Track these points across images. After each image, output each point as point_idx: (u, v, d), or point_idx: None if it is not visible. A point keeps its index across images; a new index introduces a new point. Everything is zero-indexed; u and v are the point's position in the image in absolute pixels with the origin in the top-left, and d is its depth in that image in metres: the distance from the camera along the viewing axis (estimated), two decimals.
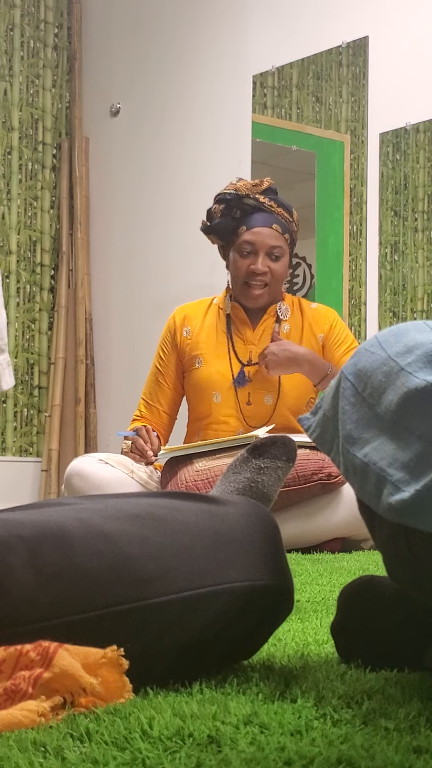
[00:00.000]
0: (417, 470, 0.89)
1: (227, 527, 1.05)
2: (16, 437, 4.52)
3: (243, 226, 2.96)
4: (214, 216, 3.00)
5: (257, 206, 2.96)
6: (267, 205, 2.96)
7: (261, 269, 2.94)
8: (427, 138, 4.67)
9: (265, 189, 2.98)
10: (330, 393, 1.03)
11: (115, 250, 4.56)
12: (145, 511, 1.03)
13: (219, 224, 2.98)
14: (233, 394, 2.98)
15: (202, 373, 3.00)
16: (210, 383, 2.99)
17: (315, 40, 4.70)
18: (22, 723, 0.83)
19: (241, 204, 2.96)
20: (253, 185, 2.97)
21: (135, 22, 4.45)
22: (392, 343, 0.98)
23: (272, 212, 2.96)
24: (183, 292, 3.85)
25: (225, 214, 2.97)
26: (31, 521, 0.98)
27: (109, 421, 4.43)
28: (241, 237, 2.95)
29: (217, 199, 3.00)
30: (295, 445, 1.35)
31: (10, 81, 4.60)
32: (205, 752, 0.76)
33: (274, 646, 1.25)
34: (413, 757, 0.75)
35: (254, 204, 2.96)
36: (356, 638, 1.13)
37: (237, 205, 2.96)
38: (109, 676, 0.90)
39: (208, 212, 3.02)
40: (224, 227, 2.98)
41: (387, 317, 4.72)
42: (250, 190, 2.96)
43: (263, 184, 2.97)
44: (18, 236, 4.57)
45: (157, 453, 2.91)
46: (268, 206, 2.96)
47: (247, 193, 2.96)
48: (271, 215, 2.96)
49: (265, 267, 2.95)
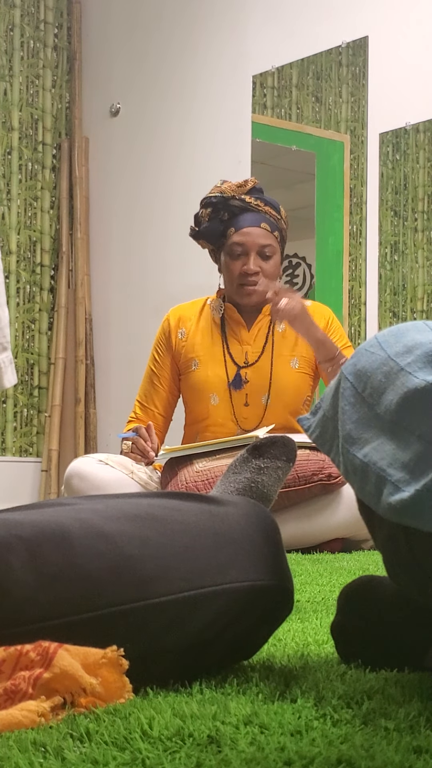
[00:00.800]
0: (417, 470, 0.89)
1: (227, 527, 1.05)
2: (16, 437, 4.52)
3: (231, 227, 2.96)
4: (202, 220, 3.00)
5: (244, 207, 2.96)
6: (254, 205, 2.96)
7: (253, 269, 2.94)
8: (427, 138, 4.67)
9: (250, 189, 2.97)
10: (329, 393, 1.03)
11: (114, 250, 4.56)
12: (145, 512, 1.03)
13: (207, 228, 2.97)
14: (230, 396, 2.97)
15: (198, 375, 3.00)
16: (207, 385, 2.99)
17: (315, 40, 4.70)
18: (22, 723, 0.83)
19: (228, 206, 2.96)
20: (238, 186, 2.97)
21: (134, 23, 4.45)
22: (392, 343, 0.98)
23: (259, 211, 2.96)
24: (182, 292, 3.85)
25: (212, 217, 2.97)
26: (31, 521, 0.98)
27: (108, 422, 4.43)
28: (231, 239, 2.95)
29: (204, 203, 3.00)
30: (295, 445, 1.35)
31: (10, 81, 4.60)
32: (205, 752, 0.76)
33: (274, 646, 1.25)
34: (413, 757, 0.75)
35: (241, 205, 2.96)
36: (356, 638, 1.13)
37: (224, 208, 2.96)
38: (109, 676, 0.90)
39: (196, 217, 3.02)
40: (213, 231, 2.97)
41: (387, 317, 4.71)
42: (236, 192, 2.96)
43: (248, 184, 2.97)
44: (18, 236, 4.57)
45: (157, 451, 2.91)
46: (255, 206, 2.96)
47: (232, 194, 2.95)
48: (258, 214, 2.96)
49: (256, 267, 2.94)
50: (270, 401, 2.98)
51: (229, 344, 3.01)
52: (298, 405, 3.02)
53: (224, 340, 3.02)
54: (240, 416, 2.97)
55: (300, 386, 3.01)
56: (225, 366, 2.99)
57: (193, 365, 3.01)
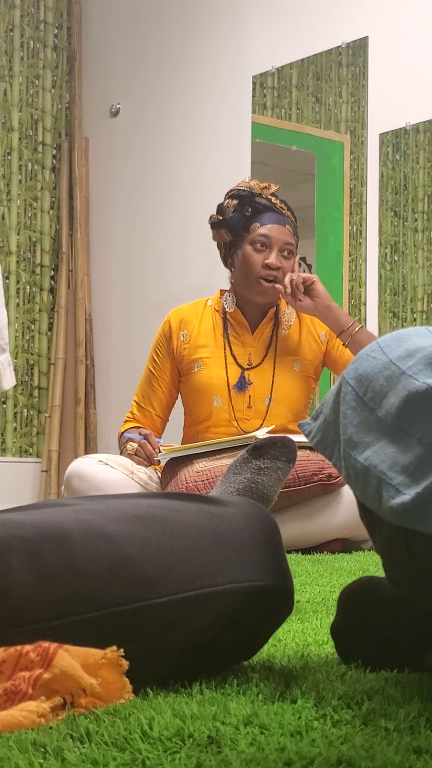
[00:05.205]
0: (417, 473, 0.89)
1: (227, 528, 1.05)
2: (16, 438, 4.52)
3: (256, 222, 2.98)
4: (226, 211, 3.01)
5: (269, 206, 2.99)
6: (278, 207, 2.99)
7: (275, 263, 2.95)
8: (427, 138, 4.67)
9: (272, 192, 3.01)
10: (331, 398, 1.03)
11: (114, 250, 4.56)
12: (145, 512, 1.03)
13: (232, 219, 2.99)
14: (234, 397, 2.98)
15: (201, 377, 3.00)
16: (210, 387, 2.99)
17: (314, 40, 4.71)
18: (22, 724, 0.83)
19: (254, 202, 2.98)
20: (263, 186, 2.99)
21: (134, 23, 4.45)
22: (394, 347, 0.98)
23: (283, 214, 3.00)
24: (183, 292, 3.85)
25: (237, 210, 2.99)
26: (31, 522, 0.98)
27: (108, 422, 4.43)
28: (256, 231, 2.97)
29: (230, 194, 3.01)
30: (296, 445, 1.35)
31: (9, 81, 4.60)
32: (205, 753, 0.76)
33: (274, 646, 1.25)
34: (413, 757, 0.75)
35: (266, 204, 2.98)
36: (356, 639, 1.13)
37: (250, 203, 2.98)
38: (109, 676, 0.90)
39: (220, 207, 3.03)
40: (236, 222, 2.99)
41: (387, 317, 4.72)
42: (262, 191, 2.98)
43: (271, 187, 3.00)
44: (18, 237, 4.57)
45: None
46: (279, 207, 2.99)
47: (260, 192, 2.98)
48: (282, 216, 3.00)
49: (279, 262, 2.96)
50: (272, 403, 2.98)
51: (233, 346, 3.02)
52: (300, 407, 3.03)
53: (227, 342, 3.02)
54: (242, 418, 2.97)
55: (302, 389, 3.02)
56: (228, 368, 2.99)
57: (196, 367, 3.01)
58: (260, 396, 2.98)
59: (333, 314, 2.96)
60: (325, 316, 2.96)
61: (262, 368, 3.00)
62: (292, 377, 3.00)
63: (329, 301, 2.96)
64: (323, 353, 3.06)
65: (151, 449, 2.93)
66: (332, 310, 2.96)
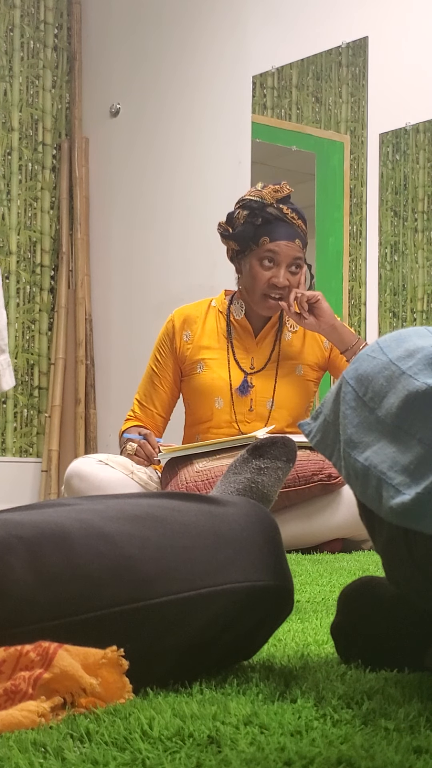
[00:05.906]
0: (417, 473, 0.90)
1: (227, 528, 1.05)
2: (16, 438, 4.52)
3: (266, 236, 2.91)
4: (236, 222, 2.96)
5: (280, 217, 2.92)
6: (290, 217, 2.92)
7: (282, 282, 2.92)
8: (426, 138, 4.67)
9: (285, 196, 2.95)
10: (331, 398, 1.03)
11: (115, 250, 4.56)
12: (145, 512, 1.03)
13: (241, 232, 2.94)
14: (236, 400, 2.97)
15: (204, 378, 3.00)
16: (212, 389, 2.98)
17: (314, 40, 4.71)
18: (22, 723, 0.83)
19: (265, 212, 2.91)
20: (275, 191, 2.93)
21: (134, 23, 4.45)
22: (394, 348, 0.98)
23: (293, 225, 2.93)
24: (183, 292, 3.85)
25: (247, 221, 2.93)
26: (31, 522, 0.98)
27: (109, 422, 4.43)
28: (264, 246, 2.91)
29: (241, 204, 2.95)
30: (295, 445, 1.35)
31: (10, 81, 4.60)
32: (205, 752, 0.76)
33: (274, 646, 1.25)
34: (413, 757, 0.75)
35: (277, 214, 2.92)
36: (356, 639, 1.13)
37: (260, 213, 2.92)
38: (109, 676, 0.90)
39: (230, 217, 2.97)
40: (246, 234, 2.94)
41: (387, 317, 4.72)
42: (274, 198, 2.92)
43: (284, 190, 2.93)
44: (18, 237, 4.57)
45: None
46: (291, 218, 2.92)
47: (271, 202, 2.93)
48: (292, 228, 2.93)
49: (285, 281, 2.93)
50: (274, 407, 2.98)
51: (236, 350, 3.01)
52: (301, 411, 3.03)
53: (231, 345, 3.02)
54: (243, 421, 2.97)
55: (304, 393, 3.03)
56: (231, 371, 2.99)
57: (199, 368, 3.01)
58: (262, 400, 2.98)
59: (337, 333, 2.94)
60: (329, 334, 2.95)
61: (264, 373, 3.00)
62: (294, 381, 3.00)
63: (333, 320, 2.93)
64: (326, 359, 3.06)
65: (151, 449, 2.93)
66: (336, 329, 2.93)
